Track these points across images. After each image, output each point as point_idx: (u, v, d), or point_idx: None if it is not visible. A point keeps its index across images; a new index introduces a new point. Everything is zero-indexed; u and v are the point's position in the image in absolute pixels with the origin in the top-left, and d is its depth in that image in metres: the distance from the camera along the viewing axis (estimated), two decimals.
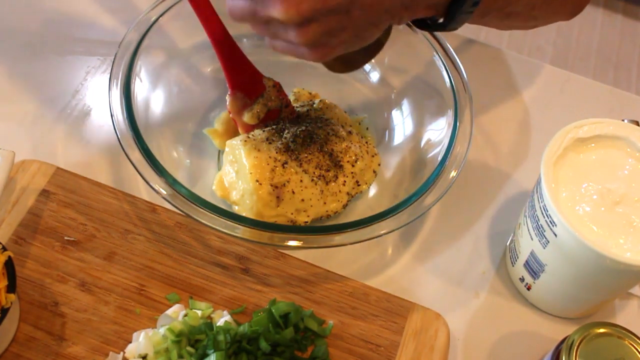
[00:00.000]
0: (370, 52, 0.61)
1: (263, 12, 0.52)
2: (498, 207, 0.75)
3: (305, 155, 0.68)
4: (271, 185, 0.66)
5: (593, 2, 2.15)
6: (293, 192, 0.66)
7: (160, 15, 0.71)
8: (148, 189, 0.69)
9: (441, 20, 0.58)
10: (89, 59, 0.82)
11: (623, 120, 0.65)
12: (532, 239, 0.63)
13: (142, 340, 0.61)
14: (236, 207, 0.68)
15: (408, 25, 0.74)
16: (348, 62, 0.62)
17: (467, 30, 0.72)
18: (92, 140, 0.76)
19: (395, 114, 0.77)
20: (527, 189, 0.76)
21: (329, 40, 0.53)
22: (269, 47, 0.57)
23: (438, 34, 0.73)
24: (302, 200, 0.67)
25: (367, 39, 0.56)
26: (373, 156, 0.73)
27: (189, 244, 0.68)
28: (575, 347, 0.56)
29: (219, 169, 0.72)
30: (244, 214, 0.66)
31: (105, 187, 0.71)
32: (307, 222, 0.68)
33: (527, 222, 0.64)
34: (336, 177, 0.68)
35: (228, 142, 0.70)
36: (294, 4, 0.50)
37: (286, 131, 0.69)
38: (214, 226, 0.61)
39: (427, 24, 0.60)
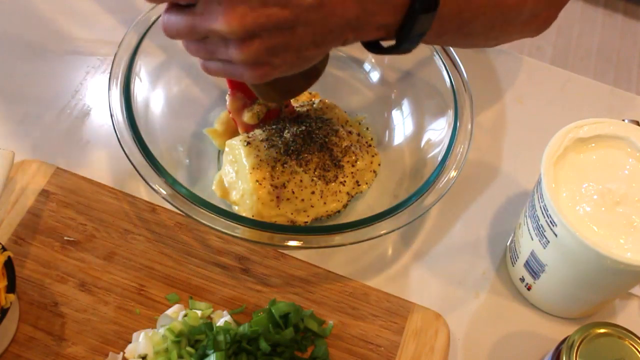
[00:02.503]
0: (307, 79, 0.59)
1: (203, 25, 0.50)
2: (498, 207, 0.75)
3: (305, 155, 0.68)
4: (271, 185, 0.66)
5: (593, 2, 2.15)
6: (293, 192, 0.66)
7: (160, 15, 0.71)
8: (148, 189, 0.69)
9: (392, 43, 0.55)
10: (89, 59, 0.82)
11: (623, 120, 0.65)
12: (532, 239, 0.63)
13: (141, 341, 0.61)
14: (236, 207, 0.68)
15: None
16: (285, 90, 0.60)
17: None
18: (92, 140, 0.76)
19: (395, 114, 0.77)
20: (527, 189, 0.76)
21: (271, 60, 0.51)
22: (202, 68, 0.55)
23: None
24: (302, 200, 0.67)
25: (308, 60, 0.53)
26: (373, 156, 0.72)
27: (189, 244, 0.68)
28: (576, 348, 0.56)
29: (219, 169, 0.72)
30: (244, 214, 0.66)
31: (105, 187, 0.71)
32: (307, 222, 0.67)
33: (527, 222, 0.64)
34: (336, 177, 0.68)
35: (228, 142, 0.70)
36: (237, 17, 0.48)
37: (286, 131, 0.69)
38: (214, 226, 0.61)
39: (378, 47, 0.57)
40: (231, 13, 0.48)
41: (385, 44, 0.57)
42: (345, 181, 0.69)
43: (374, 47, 0.57)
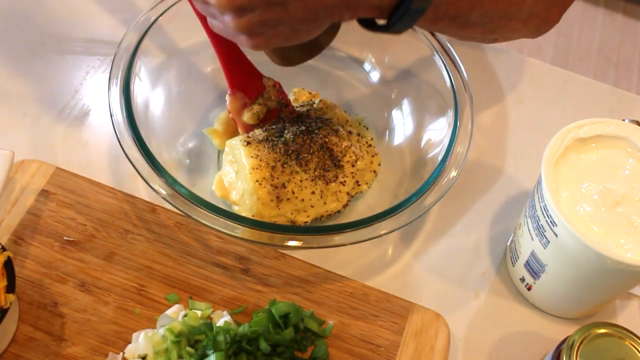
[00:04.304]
0: (308, 52, 0.60)
1: None
2: (498, 207, 0.75)
3: (305, 155, 0.68)
4: (271, 186, 0.66)
5: (593, 1, 2.15)
6: (293, 192, 0.66)
7: (160, 15, 0.71)
8: (148, 189, 0.69)
9: (385, 22, 0.57)
10: (89, 58, 0.82)
11: (624, 120, 0.65)
12: (532, 239, 0.63)
13: (141, 341, 0.61)
14: (236, 207, 0.68)
15: None
16: (285, 58, 0.61)
17: None
18: (91, 140, 0.76)
19: (395, 114, 0.77)
20: (527, 189, 0.75)
21: (265, 31, 0.52)
22: (209, 24, 0.57)
23: (438, 34, 0.73)
24: (302, 200, 0.67)
25: (304, 34, 0.54)
26: (373, 156, 0.72)
27: (188, 244, 0.68)
28: (576, 348, 0.56)
29: (219, 169, 0.72)
30: (244, 214, 0.66)
31: (105, 187, 0.71)
32: (307, 222, 0.67)
33: (527, 222, 0.64)
34: (336, 177, 0.68)
35: (228, 142, 0.70)
36: None
37: (286, 131, 0.69)
38: (213, 226, 0.61)
39: (371, 24, 0.58)
40: None
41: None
42: (345, 181, 0.69)
43: (368, 24, 0.58)
